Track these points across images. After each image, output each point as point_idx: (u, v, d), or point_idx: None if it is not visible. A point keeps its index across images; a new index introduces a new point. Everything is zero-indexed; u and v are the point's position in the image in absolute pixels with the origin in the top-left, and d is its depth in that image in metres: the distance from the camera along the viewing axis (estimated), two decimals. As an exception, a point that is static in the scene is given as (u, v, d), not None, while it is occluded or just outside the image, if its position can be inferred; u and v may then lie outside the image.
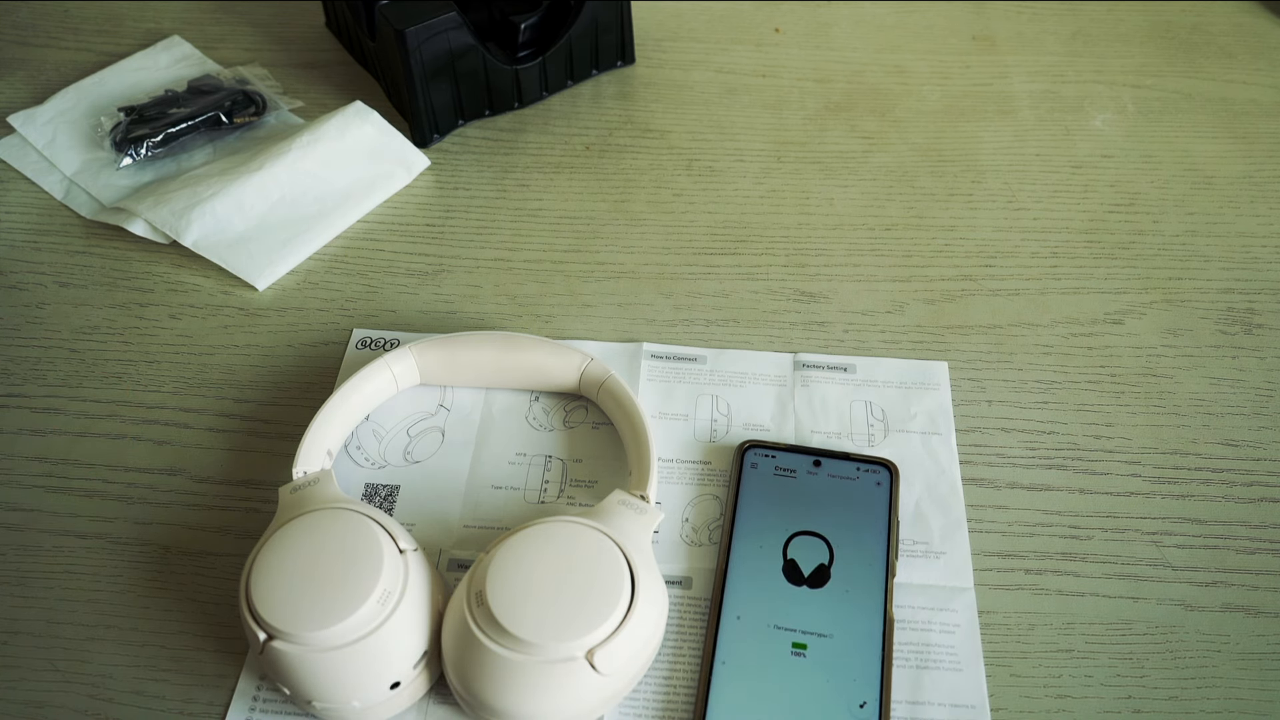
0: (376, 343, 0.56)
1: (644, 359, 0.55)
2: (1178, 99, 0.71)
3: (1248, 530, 0.49)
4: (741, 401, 0.53)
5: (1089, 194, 0.65)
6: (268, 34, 0.76)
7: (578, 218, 0.63)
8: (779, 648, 0.43)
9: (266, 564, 0.41)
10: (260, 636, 0.39)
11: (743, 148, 0.67)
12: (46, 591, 0.47)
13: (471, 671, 0.40)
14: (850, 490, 0.48)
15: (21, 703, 0.43)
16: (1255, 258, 0.61)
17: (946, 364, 0.55)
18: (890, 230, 0.62)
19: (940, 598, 0.46)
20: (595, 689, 0.40)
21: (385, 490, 0.50)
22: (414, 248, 0.61)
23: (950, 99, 0.71)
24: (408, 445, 0.52)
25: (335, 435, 0.49)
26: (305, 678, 0.39)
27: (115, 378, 0.55)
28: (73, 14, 0.77)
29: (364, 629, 0.39)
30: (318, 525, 0.42)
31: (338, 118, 0.65)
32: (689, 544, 0.48)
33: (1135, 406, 0.54)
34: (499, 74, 0.67)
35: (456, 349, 0.52)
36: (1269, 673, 0.44)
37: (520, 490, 0.50)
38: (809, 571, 0.46)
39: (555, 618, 0.39)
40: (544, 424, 0.52)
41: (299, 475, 0.46)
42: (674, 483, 0.50)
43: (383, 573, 0.40)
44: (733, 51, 0.75)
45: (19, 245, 0.61)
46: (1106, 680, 0.44)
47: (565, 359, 0.52)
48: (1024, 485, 0.50)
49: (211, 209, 0.60)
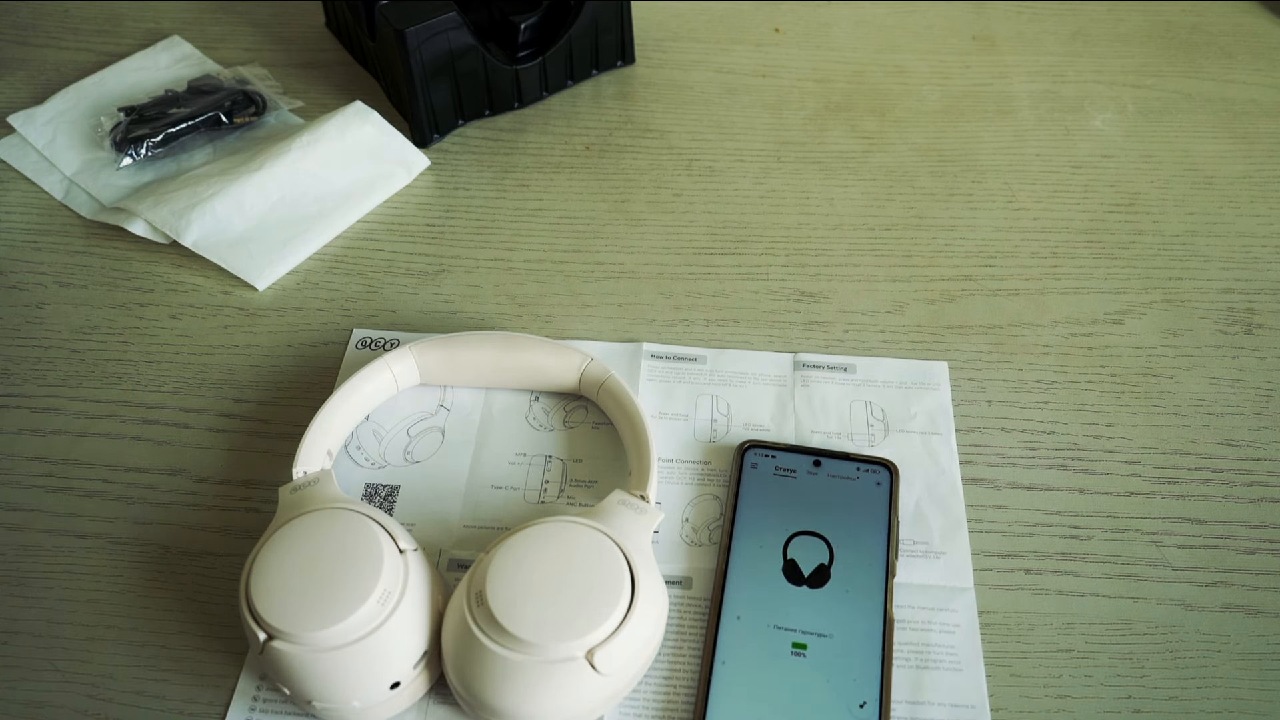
0: (377, 343, 0.56)
1: (644, 359, 0.55)
2: (1178, 99, 0.71)
3: (1248, 530, 0.49)
4: (741, 401, 0.53)
5: (1089, 194, 0.65)
6: (268, 34, 0.76)
7: (578, 218, 0.63)
8: (779, 648, 0.43)
9: (266, 564, 0.41)
10: (260, 636, 0.39)
11: (743, 148, 0.67)
12: (46, 591, 0.47)
13: (471, 671, 0.40)
14: (850, 490, 0.48)
15: (21, 703, 0.43)
16: (1255, 258, 0.61)
17: (946, 364, 0.55)
18: (890, 230, 0.62)
19: (940, 598, 0.46)
20: (595, 689, 0.40)
21: (385, 490, 0.50)
22: (414, 248, 0.61)
23: (950, 99, 0.71)
24: (408, 445, 0.52)
25: (335, 435, 0.49)
26: (305, 678, 0.39)
27: (115, 378, 0.55)
28: (73, 14, 0.77)
29: (364, 629, 0.39)
30: (318, 525, 0.42)
31: (338, 118, 0.65)
32: (689, 544, 0.48)
33: (1135, 406, 0.54)
34: (499, 74, 0.67)
35: (456, 349, 0.52)
36: (1269, 673, 0.44)
37: (520, 490, 0.50)
38: (809, 571, 0.46)
39: (555, 618, 0.39)
40: (544, 424, 0.52)
41: (299, 475, 0.46)
42: (674, 483, 0.50)
43: (383, 573, 0.40)
44: (733, 51, 0.75)
45: (19, 245, 0.61)
46: (1106, 680, 0.44)
47: (565, 359, 0.52)
48: (1024, 485, 0.50)
49: (211, 209, 0.60)
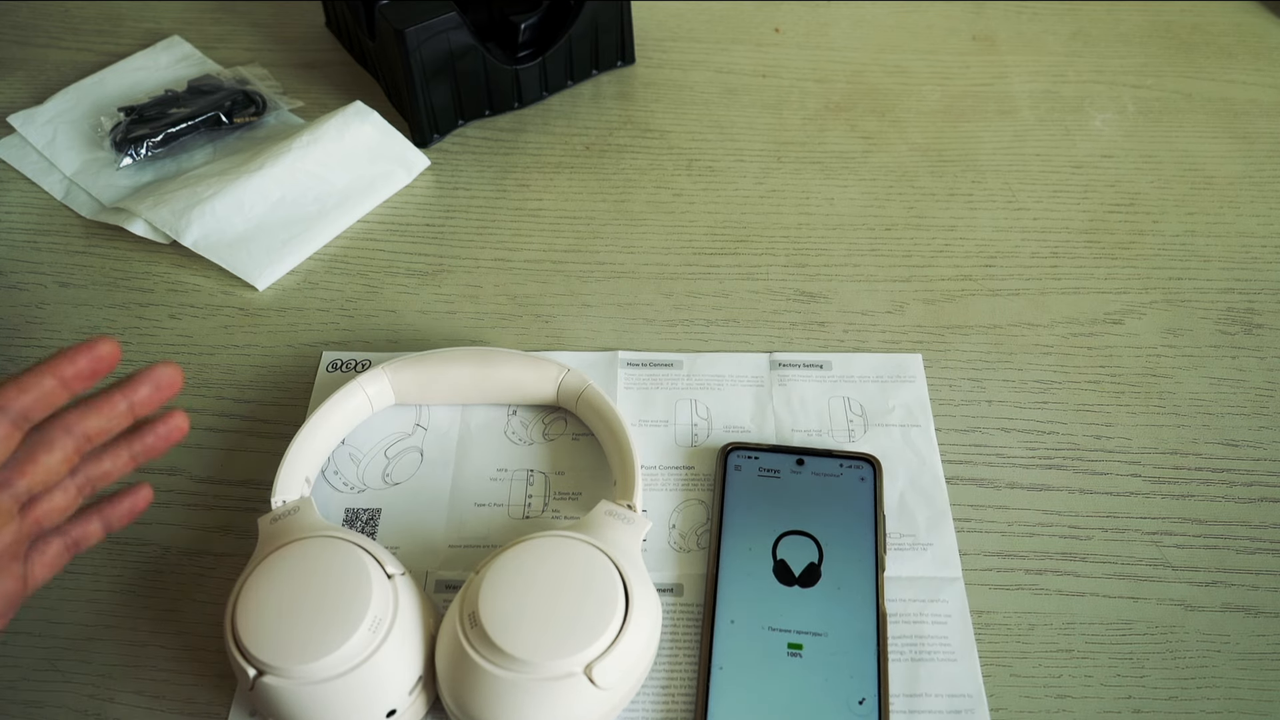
0: (348, 365, 0.55)
1: (620, 367, 0.55)
2: (1178, 99, 0.71)
3: (1248, 530, 0.49)
4: (720, 404, 0.53)
5: (1089, 194, 0.64)
6: (268, 34, 0.76)
7: (578, 218, 0.63)
8: (775, 649, 0.43)
9: (251, 598, 0.40)
10: (249, 673, 0.38)
11: (743, 148, 0.67)
12: (46, 591, 0.47)
13: (468, 694, 0.39)
14: (835, 487, 0.48)
15: (21, 703, 0.43)
16: (1255, 258, 0.61)
17: (920, 356, 0.55)
18: (890, 230, 0.62)
19: (930, 589, 0.46)
20: (595, 703, 0.39)
21: (366, 514, 0.49)
22: (414, 248, 0.61)
23: (950, 99, 0.71)
24: (386, 467, 0.51)
25: (312, 461, 0.48)
26: (299, 712, 0.38)
27: (115, 378, 0.55)
28: (73, 14, 0.78)
29: (356, 658, 0.39)
30: (302, 555, 0.41)
31: (337, 118, 0.65)
32: (678, 550, 0.48)
33: (1135, 406, 0.54)
34: (499, 74, 0.67)
35: (431, 367, 0.51)
36: (1269, 673, 0.44)
37: (504, 506, 0.49)
38: (799, 571, 0.46)
39: (551, 634, 0.39)
40: (523, 438, 0.52)
41: (278, 505, 0.45)
42: (658, 489, 0.50)
43: (372, 600, 0.39)
44: (733, 51, 0.75)
45: (19, 245, 0.61)
46: (1106, 680, 0.44)
47: (541, 371, 0.51)
48: (1023, 485, 0.50)
49: (211, 209, 0.60)
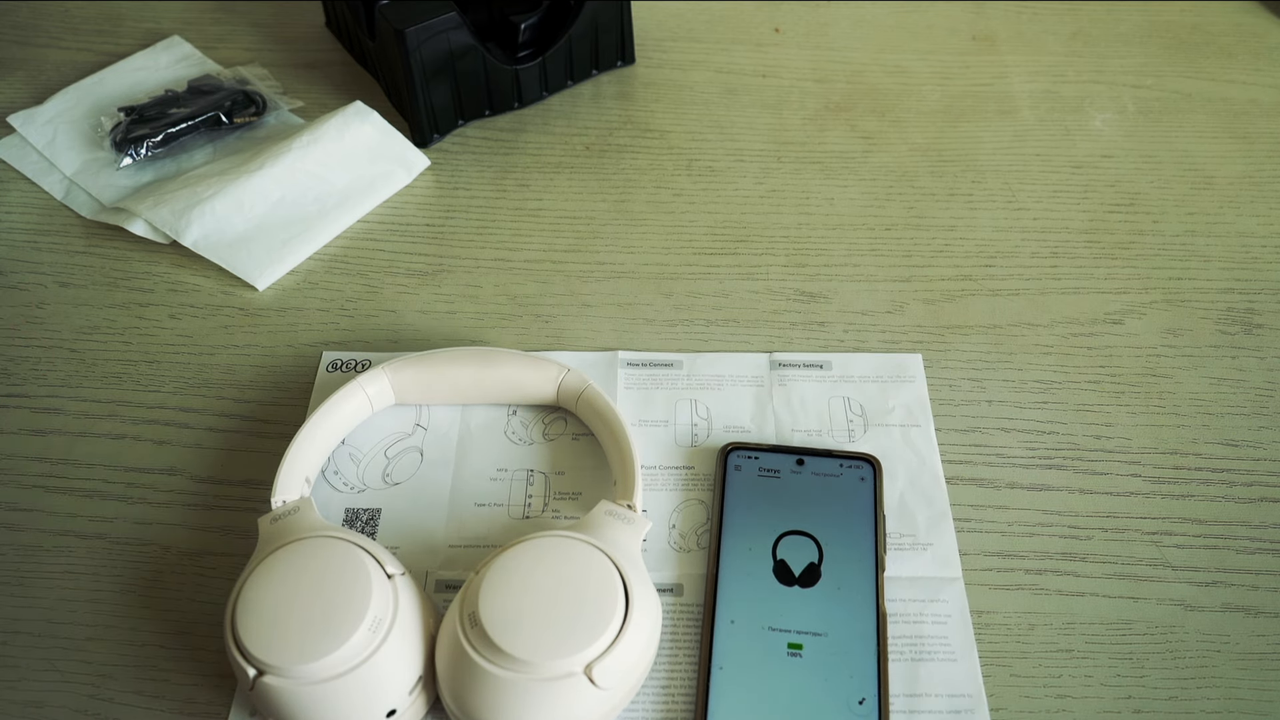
0: (348, 365, 0.55)
1: (620, 367, 0.55)
2: (1178, 99, 0.71)
3: (1248, 530, 0.49)
4: (720, 404, 0.53)
5: (1089, 194, 0.64)
6: (268, 34, 0.76)
7: (578, 218, 0.63)
8: (775, 649, 0.43)
9: (251, 598, 0.40)
10: (250, 672, 0.38)
11: (743, 148, 0.67)
12: (46, 591, 0.47)
13: (468, 694, 0.39)
14: (835, 487, 0.48)
15: (21, 703, 0.43)
16: (1255, 258, 0.61)
17: (920, 356, 0.55)
18: (890, 230, 0.62)
19: (930, 589, 0.46)
20: (595, 704, 0.39)
21: (366, 514, 0.49)
22: (414, 248, 0.61)
23: (950, 99, 0.71)
24: (386, 467, 0.51)
25: (312, 461, 0.48)
26: (299, 712, 0.38)
27: (115, 378, 0.55)
28: (73, 14, 0.78)
29: (356, 658, 0.39)
30: (301, 555, 0.41)
31: (337, 118, 0.65)
32: (677, 550, 0.48)
33: (1135, 406, 0.54)
34: (499, 74, 0.67)
35: (431, 367, 0.51)
36: (1269, 673, 0.44)
37: (504, 506, 0.49)
38: (800, 571, 0.46)
39: (551, 634, 0.39)
40: (523, 438, 0.52)
41: (278, 504, 0.45)
42: (658, 489, 0.50)
43: (372, 600, 0.39)
44: (733, 51, 0.75)
45: (19, 245, 0.61)
46: (1106, 680, 0.44)
47: (541, 371, 0.51)
48: (1023, 485, 0.50)
49: (211, 209, 0.60)
